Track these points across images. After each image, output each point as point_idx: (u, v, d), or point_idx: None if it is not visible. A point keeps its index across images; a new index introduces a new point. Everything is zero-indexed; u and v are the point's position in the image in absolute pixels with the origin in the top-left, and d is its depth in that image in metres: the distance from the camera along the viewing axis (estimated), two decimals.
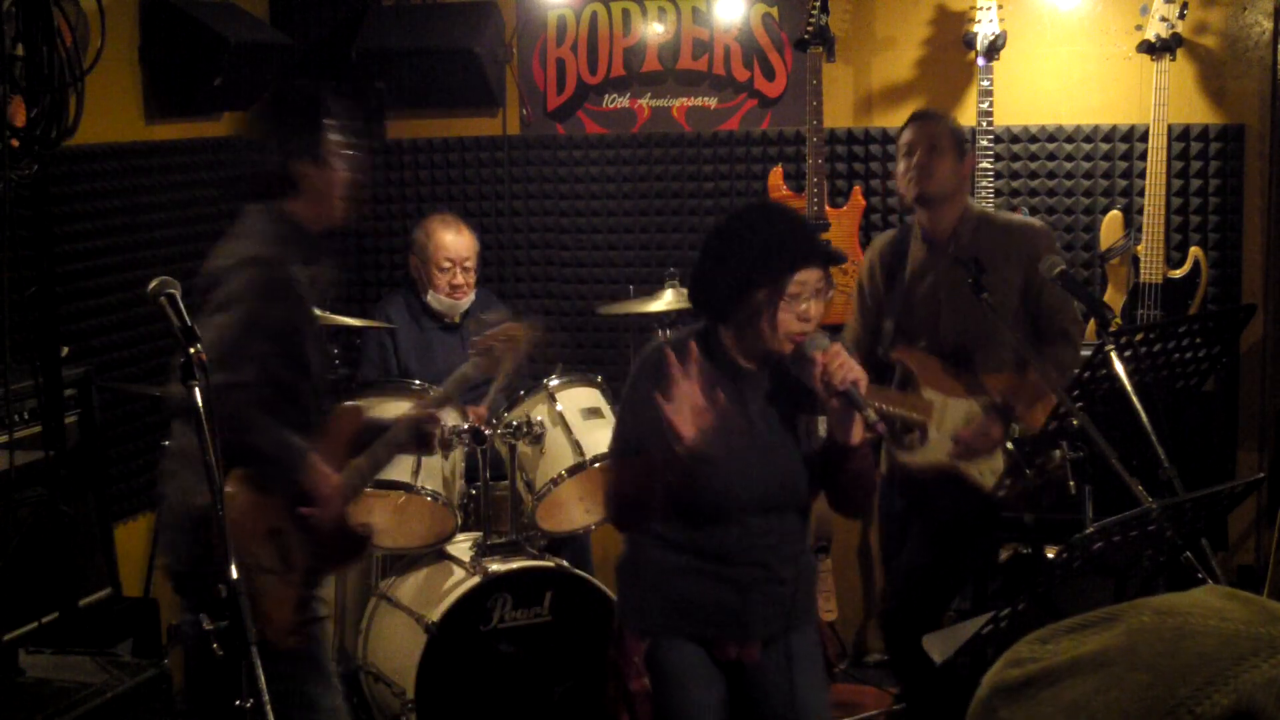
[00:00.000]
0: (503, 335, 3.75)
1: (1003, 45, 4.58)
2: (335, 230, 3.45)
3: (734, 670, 3.05)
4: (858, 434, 2.90)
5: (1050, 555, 3.19)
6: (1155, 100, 4.47)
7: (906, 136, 3.91)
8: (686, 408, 2.76)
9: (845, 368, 2.85)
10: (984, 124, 4.57)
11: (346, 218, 3.43)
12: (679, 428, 2.75)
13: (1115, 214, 4.70)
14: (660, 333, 4.50)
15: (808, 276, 2.88)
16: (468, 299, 4.82)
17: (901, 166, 3.90)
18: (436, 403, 3.60)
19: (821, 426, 3.05)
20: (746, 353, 2.98)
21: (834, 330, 3.79)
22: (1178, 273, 4.56)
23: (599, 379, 4.44)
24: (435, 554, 4.30)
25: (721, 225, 3.06)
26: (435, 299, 4.79)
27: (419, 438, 3.47)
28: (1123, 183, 4.82)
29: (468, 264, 4.78)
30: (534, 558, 4.19)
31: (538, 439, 4.20)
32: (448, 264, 4.74)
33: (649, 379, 2.93)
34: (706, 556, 2.99)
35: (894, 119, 5.00)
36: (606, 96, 5.28)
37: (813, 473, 3.05)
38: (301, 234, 3.26)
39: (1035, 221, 4.11)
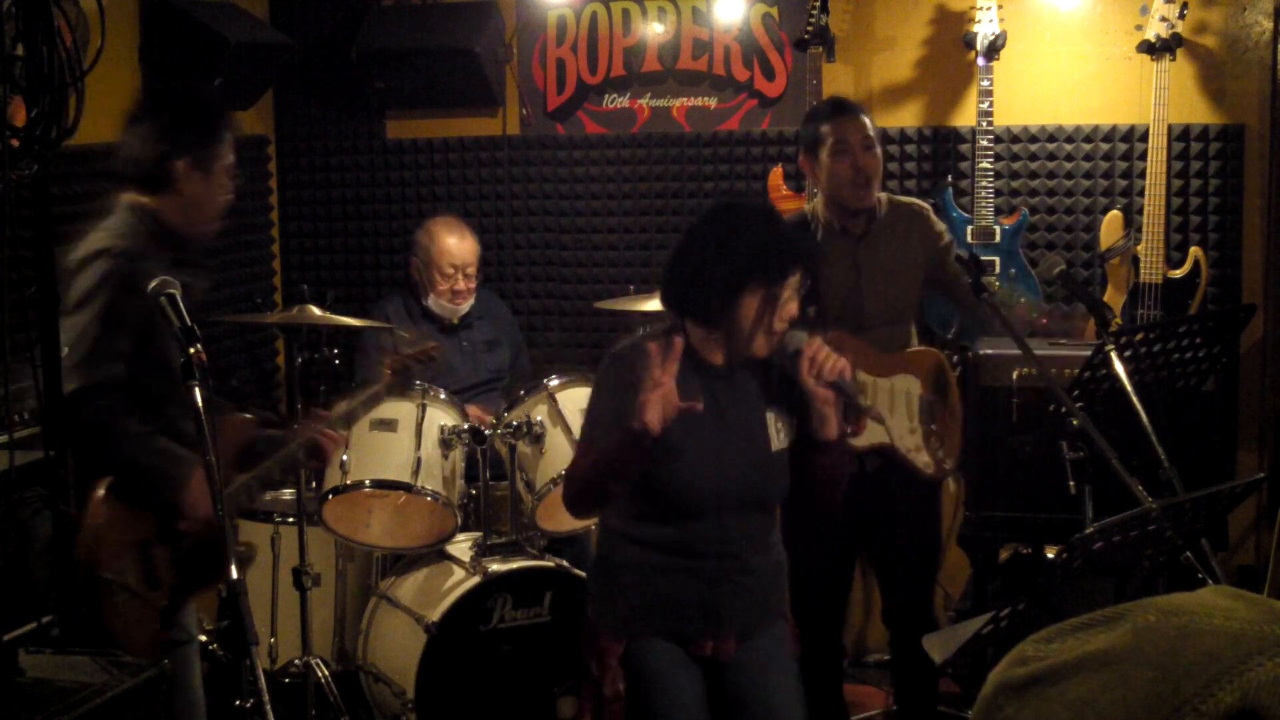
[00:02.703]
0: (420, 355, 3.68)
1: (1003, 45, 4.58)
2: (207, 244, 3.37)
3: (710, 667, 3.06)
4: (833, 430, 2.93)
5: (1050, 555, 3.19)
6: (1155, 100, 4.47)
7: (838, 133, 3.79)
8: (657, 393, 2.76)
9: (831, 359, 2.88)
10: (984, 124, 4.57)
11: (211, 236, 3.32)
12: (645, 411, 2.74)
13: (1115, 214, 4.70)
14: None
15: (794, 279, 2.92)
16: (468, 304, 4.82)
17: (836, 166, 3.80)
18: (340, 420, 3.48)
19: (790, 427, 3.08)
20: (713, 348, 2.99)
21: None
22: (1178, 273, 4.56)
23: None
24: (435, 554, 4.30)
25: (699, 227, 3.04)
26: (436, 303, 4.79)
27: (316, 455, 3.36)
28: (1123, 183, 4.82)
29: (470, 270, 4.78)
30: (534, 558, 4.19)
31: (538, 439, 4.20)
32: (451, 270, 4.75)
33: (620, 372, 2.95)
34: (678, 553, 3.01)
35: (894, 119, 5.00)
36: (606, 96, 5.28)
37: (785, 469, 3.06)
38: (166, 234, 3.15)
39: (916, 200, 4.16)
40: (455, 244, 4.76)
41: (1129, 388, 3.23)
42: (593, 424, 3.07)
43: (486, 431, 4.15)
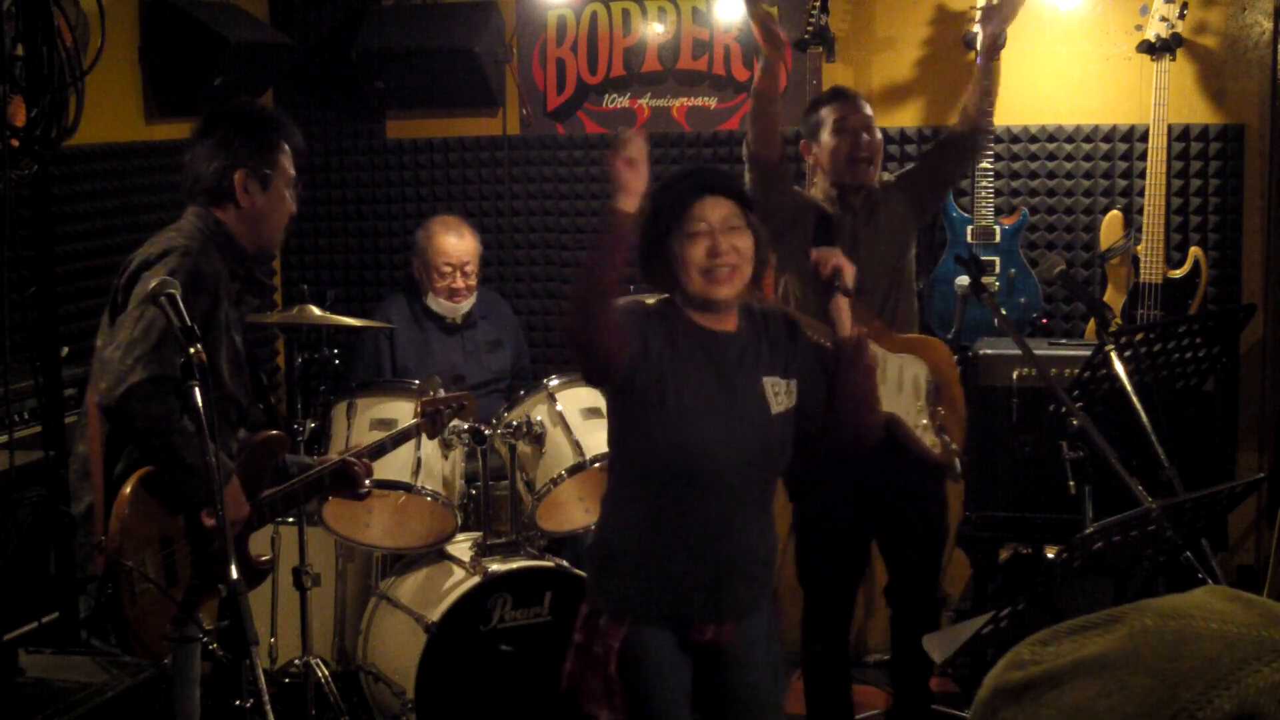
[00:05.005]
0: (453, 401, 3.81)
1: (1003, 45, 4.57)
2: (271, 256, 3.46)
3: (703, 652, 3.05)
4: (845, 326, 3.00)
5: (1050, 555, 3.19)
6: (1155, 100, 4.47)
7: (839, 113, 3.94)
8: (635, 166, 2.85)
9: (836, 262, 2.98)
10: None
11: (275, 247, 3.43)
12: (622, 178, 2.85)
13: (1115, 214, 4.70)
14: None
15: (711, 212, 2.90)
16: (468, 302, 4.82)
17: (837, 144, 3.93)
18: (369, 452, 3.57)
19: (794, 394, 3.08)
20: (692, 306, 2.98)
21: None
22: (1178, 273, 4.56)
23: None
24: (435, 554, 4.30)
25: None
26: (435, 302, 4.79)
27: (344, 481, 3.46)
28: (1123, 183, 4.82)
29: (468, 268, 4.76)
30: (534, 558, 4.19)
31: (538, 439, 4.20)
32: (448, 269, 4.74)
33: (635, 309, 3.01)
34: (681, 534, 2.98)
35: (894, 119, 5.00)
36: (606, 96, 5.28)
37: (786, 434, 3.06)
38: (232, 244, 3.23)
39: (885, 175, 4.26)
40: (452, 242, 4.75)
41: (1129, 388, 3.23)
42: None
43: (487, 432, 4.15)
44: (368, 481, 3.69)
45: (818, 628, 4.05)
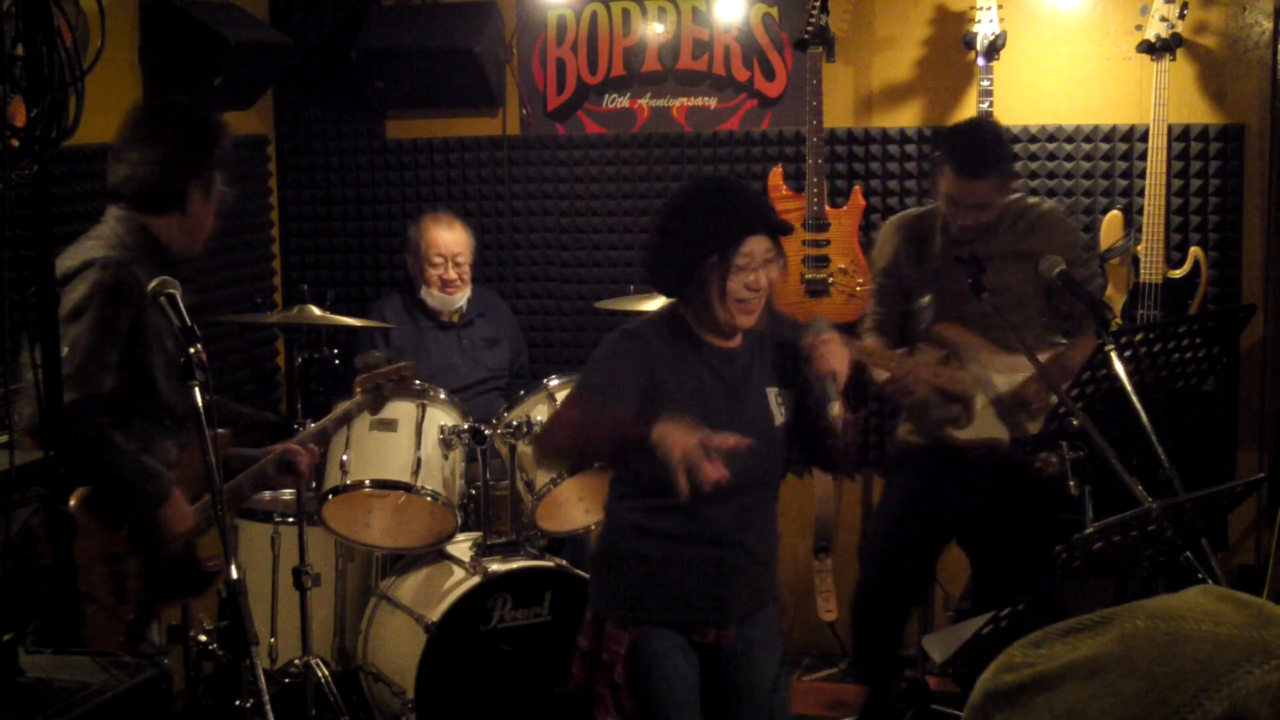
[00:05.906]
0: (393, 374, 3.74)
1: (1003, 45, 4.58)
2: (194, 262, 3.41)
3: (708, 653, 3.08)
4: (835, 420, 2.96)
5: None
6: (1155, 100, 4.47)
7: (954, 191, 3.76)
8: (693, 434, 2.79)
9: (831, 356, 2.91)
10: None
11: (199, 255, 3.36)
12: (670, 437, 2.78)
13: (1115, 214, 4.70)
14: None
15: (755, 246, 2.92)
16: (462, 295, 4.83)
17: (950, 211, 3.81)
18: (310, 437, 3.52)
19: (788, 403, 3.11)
20: (705, 327, 2.99)
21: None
22: (1178, 273, 4.56)
23: None
24: (435, 554, 4.31)
25: (670, 201, 3.12)
26: (429, 295, 4.80)
27: (289, 471, 3.40)
28: (1123, 183, 4.82)
29: (459, 259, 4.78)
30: (534, 558, 4.19)
31: None
32: (439, 259, 4.76)
33: (630, 344, 3.00)
34: (687, 542, 3.01)
35: (894, 119, 5.00)
36: (606, 96, 5.28)
37: (785, 444, 3.09)
38: (158, 250, 3.16)
39: (1061, 212, 4.11)
40: (443, 234, 4.79)
41: (1129, 388, 3.23)
42: (588, 385, 3.08)
43: (487, 432, 4.16)
44: (313, 475, 3.63)
45: (866, 607, 4.04)
